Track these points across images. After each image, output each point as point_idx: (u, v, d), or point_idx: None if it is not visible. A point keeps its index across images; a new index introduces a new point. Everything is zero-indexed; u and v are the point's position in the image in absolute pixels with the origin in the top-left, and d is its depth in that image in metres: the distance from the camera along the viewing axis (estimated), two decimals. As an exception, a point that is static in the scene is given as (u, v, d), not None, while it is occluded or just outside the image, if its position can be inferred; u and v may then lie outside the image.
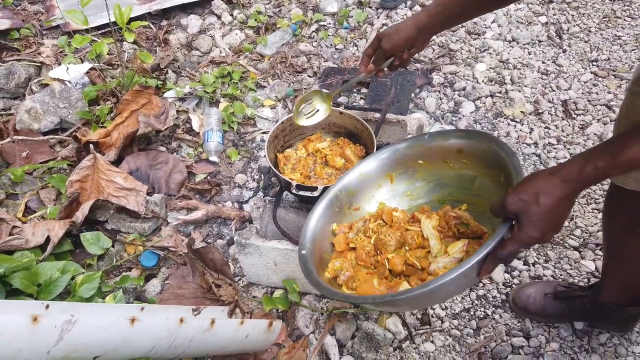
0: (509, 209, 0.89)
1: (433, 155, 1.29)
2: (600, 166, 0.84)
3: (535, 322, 1.58)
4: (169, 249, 1.78)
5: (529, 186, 0.89)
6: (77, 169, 1.83)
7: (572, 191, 0.87)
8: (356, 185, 1.37)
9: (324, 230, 1.30)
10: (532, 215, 0.86)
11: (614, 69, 2.39)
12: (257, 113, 2.29)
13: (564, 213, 0.89)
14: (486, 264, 0.92)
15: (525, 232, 0.87)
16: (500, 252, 0.89)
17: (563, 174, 0.87)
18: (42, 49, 2.55)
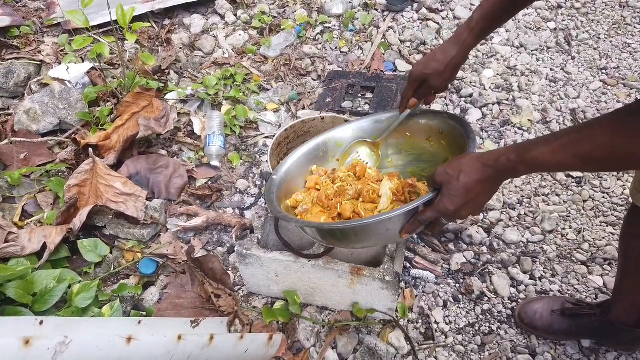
0: (436, 179, 0.99)
1: (419, 131, 1.39)
2: (511, 159, 0.90)
3: (541, 339, 1.54)
4: (168, 256, 1.75)
5: (456, 163, 0.97)
6: (76, 173, 1.79)
7: (488, 176, 0.94)
8: (345, 139, 1.48)
9: (303, 168, 1.44)
10: (450, 189, 0.96)
11: (623, 77, 2.35)
12: (259, 117, 2.25)
13: (481, 195, 0.96)
14: (408, 225, 1.04)
15: (442, 202, 0.97)
16: (420, 216, 1.02)
17: (484, 160, 0.94)
18: (42, 47, 2.51)
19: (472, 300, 1.65)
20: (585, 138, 0.83)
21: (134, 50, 2.56)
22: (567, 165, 0.87)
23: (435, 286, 1.68)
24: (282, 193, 1.35)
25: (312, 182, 1.40)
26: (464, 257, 1.74)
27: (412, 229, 1.05)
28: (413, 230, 1.06)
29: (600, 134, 0.82)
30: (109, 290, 1.64)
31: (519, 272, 1.70)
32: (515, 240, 1.78)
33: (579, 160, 0.84)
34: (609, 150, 0.80)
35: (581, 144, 0.83)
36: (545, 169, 0.92)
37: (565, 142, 0.85)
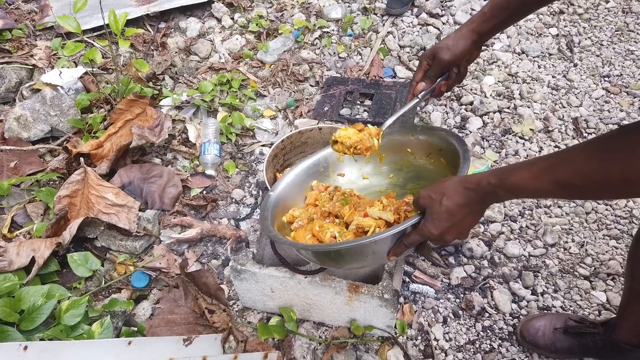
0: (420, 202, 0.98)
1: (420, 147, 1.37)
2: (492, 182, 0.88)
3: (543, 357, 1.51)
4: (161, 269, 1.70)
5: (440, 187, 0.96)
6: (67, 184, 1.74)
7: (471, 200, 0.92)
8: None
9: (303, 183, 1.42)
10: (434, 213, 0.94)
11: (626, 85, 2.31)
12: (256, 124, 2.21)
13: (464, 220, 0.95)
14: (394, 247, 1.03)
15: (426, 227, 0.96)
16: (405, 239, 1.01)
17: (466, 183, 0.92)
18: (34, 51, 2.46)
19: (473, 316, 1.61)
20: (564, 163, 0.80)
21: (129, 55, 2.51)
22: (547, 191, 0.84)
23: (434, 301, 1.64)
24: (279, 210, 1.34)
25: (312, 198, 1.38)
26: (464, 271, 1.70)
27: (398, 252, 1.04)
28: (400, 253, 1.04)
29: (577, 159, 0.79)
30: (100, 305, 1.59)
31: (520, 287, 1.66)
32: (516, 253, 1.74)
33: (559, 187, 0.81)
34: (585, 176, 0.77)
35: (559, 169, 0.80)
36: (526, 195, 0.89)
37: (544, 166, 0.82)
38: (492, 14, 1.15)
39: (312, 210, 1.33)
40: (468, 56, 1.22)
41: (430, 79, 1.23)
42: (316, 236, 1.24)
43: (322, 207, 1.32)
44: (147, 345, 1.25)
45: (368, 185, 1.46)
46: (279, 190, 1.37)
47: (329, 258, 1.16)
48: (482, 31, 1.18)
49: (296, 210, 1.35)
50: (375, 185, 1.46)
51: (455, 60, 1.20)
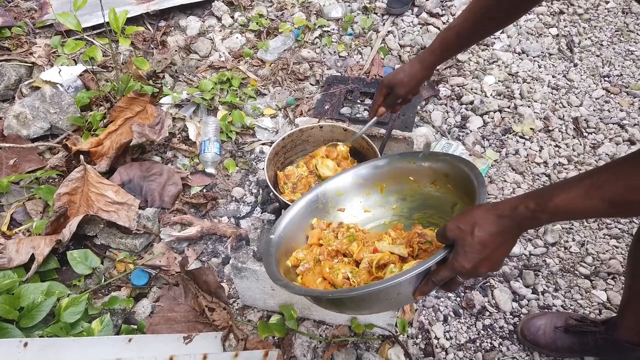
0: (448, 235, 0.91)
1: (423, 174, 1.31)
2: (530, 207, 0.83)
3: (544, 356, 1.51)
4: (161, 267, 1.70)
5: (468, 216, 0.89)
6: (66, 181, 1.74)
7: (505, 228, 0.86)
8: (346, 188, 1.39)
9: (302, 222, 1.33)
10: (465, 246, 0.87)
11: (626, 85, 2.31)
12: (256, 123, 2.20)
13: (499, 250, 0.88)
14: (421, 286, 0.94)
15: (457, 260, 0.88)
16: (434, 276, 0.92)
17: (499, 210, 0.87)
18: (34, 49, 2.46)
19: (473, 314, 1.60)
20: (613, 178, 0.76)
21: (128, 53, 2.51)
22: (597, 211, 0.79)
23: (435, 300, 1.63)
24: (282, 252, 1.24)
25: (315, 238, 1.29)
26: (464, 273, 1.70)
27: (426, 290, 0.95)
28: (427, 292, 0.95)
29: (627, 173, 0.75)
30: (99, 303, 1.59)
31: (521, 286, 1.66)
32: (517, 252, 1.74)
33: (610, 205, 0.76)
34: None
35: (610, 186, 0.76)
36: (573, 216, 0.86)
37: (590, 184, 0.78)
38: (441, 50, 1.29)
39: (317, 251, 1.25)
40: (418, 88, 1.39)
41: (389, 105, 1.43)
42: (327, 279, 1.15)
43: (328, 246, 1.23)
44: (147, 343, 1.24)
45: (371, 218, 1.38)
46: (279, 232, 1.26)
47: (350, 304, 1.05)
48: (431, 66, 1.34)
49: (300, 252, 1.25)
50: (379, 218, 1.38)
51: (408, 94, 1.38)
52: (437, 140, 2.09)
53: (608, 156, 2.02)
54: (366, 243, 1.21)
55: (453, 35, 1.26)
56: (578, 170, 1.98)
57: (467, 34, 1.25)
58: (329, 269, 1.15)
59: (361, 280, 1.12)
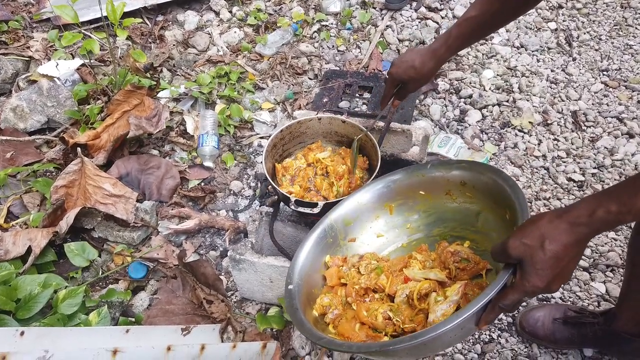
0: (511, 253, 0.81)
1: (435, 186, 1.22)
2: (613, 210, 0.75)
3: (542, 348, 1.50)
4: (159, 260, 1.69)
5: (533, 229, 0.81)
6: (63, 174, 1.73)
7: (581, 237, 0.78)
8: (352, 215, 1.29)
9: (315, 263, 1.21)
10: (536, 263, 0.79)
11: (625, 79, 2.31)
12: (254, 116, 2.20)
13: (572, 261, 0.81)
14: (486, 314, 0.85)
15: (528, 281, 0.80)
16: (501, 302, 0.83)
17: (571, 217, 0.78)
18: (31, 43, 2.45)
19: (472, 307, 1.60)
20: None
21: (126, 47, 2.50)
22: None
23: (434, 292, 1.63)
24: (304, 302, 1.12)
25: (335, 278, 1.19)
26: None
27: (491, 318, 0.86)
28: (493, 319, 0.87)
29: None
30: (97, 295, 1.58)
31: (519, 279, 1.65)
32: (515, 245, 1.74)
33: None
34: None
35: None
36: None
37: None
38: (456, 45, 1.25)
39: (342, 292, 1.16)
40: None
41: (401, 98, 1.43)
42: (367, 323, 1.06)
43: (354, 285, 1.13)
44: (144, 334, 1.24)
45: (386, 243, 1.29)
46: (295, 280, 1.15)
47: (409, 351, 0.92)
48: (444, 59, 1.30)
49: (324, 298, 1.15)
50: (395, 241, 1.29)
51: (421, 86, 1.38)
52: (435, 134, 2.08)
53: (606, 149, 2.02)
54: (394, 272, 1.13)
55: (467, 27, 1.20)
56: (577, 163, 1.98)
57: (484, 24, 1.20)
58: (365, 311, 1.06)
59: (405, 317, 1.04)
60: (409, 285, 1.07)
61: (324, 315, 1.13)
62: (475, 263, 1.06)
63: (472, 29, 1.20)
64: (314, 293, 1.17)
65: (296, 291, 1.12)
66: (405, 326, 1.03)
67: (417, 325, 1.02)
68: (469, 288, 1.02)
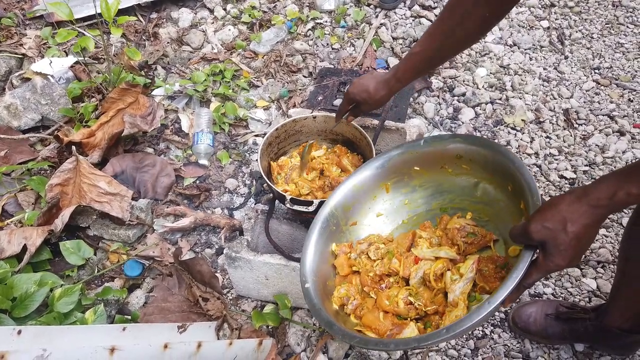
0: (534, 237, 0.86)
1: (430, 161, 1.25)
2: (634, 192, 0.78)
3: (535, 343, 1.53)
4: (155, 258, 1.70)
5: (554, 213, 0.85)
6: (58, 172, 1.73)
7: (601, 218, 0.83)
8: (351, 199, 1.31)
9: (323, 254, 1.22)
10: (560, 244, 0.84)
11: (616, 77, 2.33)
12: (249, 114, 2.20)
13: (590, 239, 0.86)
14: (512, 294, 0.89)
15: (552, 261, 0.86)
16: (525, 281, 0.88)
17: (592, 200, 0.82)
18: (24, 40, 2.43)
19: (465, 303, 1.62)
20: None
21: (120, 45, 2.49)
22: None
23: (428, 289, 1.65)
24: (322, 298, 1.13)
25: (346, 267, 1.20)
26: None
27: (516, 297, 0.92)
28: (517, 297, 0.92)
29: None
30: (93, 293, 1.58)
31: (512, 275, 1.67)
32: (508, 242, 1.76)
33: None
34: None
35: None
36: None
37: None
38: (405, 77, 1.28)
39: (357, 281, 1.17)
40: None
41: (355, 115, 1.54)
42: (390, 311, 1.08)
43: (368, 273, 1.15)
44: (141, 332, 1.24)
45: (386, 221, 1.32)
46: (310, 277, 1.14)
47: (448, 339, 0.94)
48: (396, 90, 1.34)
49: (340, 289, 1.16)
50: (395, 219, 1.32)
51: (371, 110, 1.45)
52: (429, 132, 2.10)
53: (598, 147, 2.04)
54: (403, 254, 1.15)
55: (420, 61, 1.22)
56: (569, 161, 2.00)
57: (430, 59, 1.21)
58: (387, 300, 1.08)
59: (425, 300, 1.07)
60: (421, 265, 1.10)
61: (343, 306, 1.15)
62: (482, 236, 1.10)
63: (419, 62, 1.23)
64: (328, 285, 1.19)
65: (313, 290, 1.11)
66: (427, 309, 1.06)
67: (439, 306, 1.06)
68: (482, 264, 1.06)
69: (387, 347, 0.98)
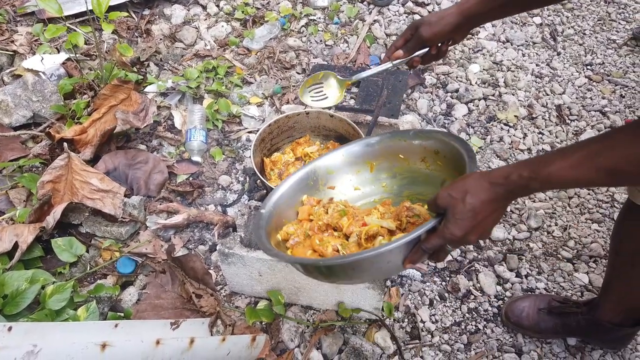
0: (439, 203, 0.92)
1: (413, 152, 1.31)
2: (524, 175, 0.84)
3: (527, 337, 1.53)
4: (148, 255, 1.69)
5: (460, 184, 0.90)
6: (50, 169, 1.72)
7: (498, 196, 0.87)
8: (336, 166, 1.38)
9: (293, 199, 1.33)
10: (456, 213, 0.88)
11: (608, 73, 2.35)
12: (242, 111, 2.20)
13: (489, 217, 0.90)
14: (411, 254, 0.95)
15: (448, 228, 0.89)
16: (424, 244, 0.92)
17: (492, 177, 0.88)
18: (15, 37, 2.41)
19: (459, 298, 1.63)
20: (607, 149, 0.77)
21: (112, 41, 2.47)
22: (590, 179, 0.81)
23: (421, 284, 1.65)
24: (272, 227, 1.24)
25: (305, 213, 1.29)
26: (450, 255, 1.72)
27: (416, 259, 0.95)
28: (417, 260, 0.96)
29: (620, 143, 0.76)
30: (85, 290, 1.58)
31: (505, 270, 1.68)
32: (501, 237, 1.77)
33: (604, 174, 0.77)
34: (630, 160, 0.74)
35: (603, 155, 0.77)
36: (565, 185, 0.86)
37: (585, 154, 0.79)
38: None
39: (307, 226, 1.26)
40: (450, 36, 1.19)
41: (408, 50, 1.23)
42: (317, 251, 1.17)
43: (318, 221, 1.23)
44: (133, 328, 1.24)
45: (361, 195, 1.39)
46: (269, 207, 1.27)
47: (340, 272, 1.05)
48: (470, 14, 1.13)
49: (290, 227, 1.26)
50: (369, 195, 1.39)
51: (434, 39, 1.19)
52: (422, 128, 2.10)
53: (590, 143, 2.05)
54: (356, 218, 1.22)
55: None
56: (561, 156, 2.01)
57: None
58: (319, 241, 1.17)
59: (350, 252, 1.13)
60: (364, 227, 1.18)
61: (286, 241, 1.23)
62: (424, 219, 1.15)
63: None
64: (284, 223, 1.28)
65: (266, 216, 1.23)
66: None
67: None
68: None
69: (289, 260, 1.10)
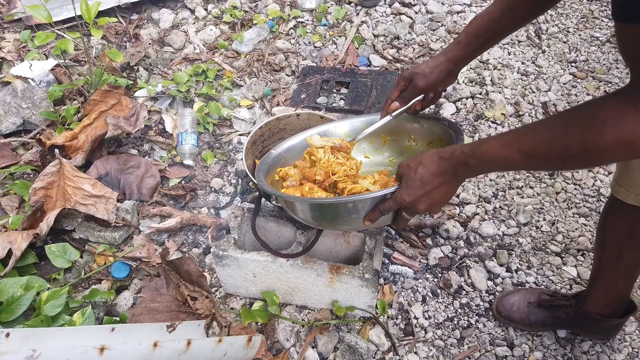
0: (398, 170, 1.05)
1: (423, 135, 1.41)
2: (465, 152, 0.93)
3: (518, 331, 1.56)
4: (142, 259, 1.70)
5: (418, 156, 1.02)
6: (42, 175, 1.72)
7: (444, 170, 0.97)
8: (354, 131, 1.48)
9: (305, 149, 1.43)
10: (408, 180, 1.00)
11: (592, 70, 2.39)
12: (233, 114, 2.21)
13: (437, 190, 0.99)
14: (369, 213, 1.09)
15: (400, 193, 1.02)
16: (380, 205, 1.06)
17: (441, 152, 0.98)
18: (3, 44, 2.41)
19: (451, 294, 1.65)
20: (530, 132, 0.85)
21: (101, 46, 2.47)
22: (514, 160, 0.87)
23: (413, 281, 1.68)
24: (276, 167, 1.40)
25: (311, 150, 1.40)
26: (441, 252, 1.75)
27: (373, 218, 1.09)
28: (374, 219, 1.09)
29: (542, 128, 0.83)
30: (80, 296, 1.58)
31: (495, 265, 1.71)
32: (491, 233, 1.80)
33: (524, 156, 0.84)
34: (548, 144, 0.81)
35: (526, 137, 0.85)
36: (496, 165, 0.92)
37: (513, 136, 0.87)
38: (467, 41, 1.18)
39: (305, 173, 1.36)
40: (444, 83, 1.27)
41: (404, 100, 1.29)
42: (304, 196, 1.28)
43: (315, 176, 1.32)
44: (130, 332, 1.25)
45: (368, 163, 1.50)
46: (281, 150, 1.43)
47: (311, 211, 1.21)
48: (457, 60, 1.22)
49: (292, 170, 1.37)
50: (375, 165, 1.50)
51: (430, 88, 1.26)
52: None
53: (576, 139, 2.09)
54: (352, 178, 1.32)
55: (479, 24, 1.16)
56: (548, 152, 2.05)
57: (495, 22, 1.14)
58: (308, 189, 1.28)
59: None
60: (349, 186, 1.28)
61: (284, 180, 1.36)
62: None
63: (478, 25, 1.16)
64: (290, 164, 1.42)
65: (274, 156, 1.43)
66: None
67: None
68: None
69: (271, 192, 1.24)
